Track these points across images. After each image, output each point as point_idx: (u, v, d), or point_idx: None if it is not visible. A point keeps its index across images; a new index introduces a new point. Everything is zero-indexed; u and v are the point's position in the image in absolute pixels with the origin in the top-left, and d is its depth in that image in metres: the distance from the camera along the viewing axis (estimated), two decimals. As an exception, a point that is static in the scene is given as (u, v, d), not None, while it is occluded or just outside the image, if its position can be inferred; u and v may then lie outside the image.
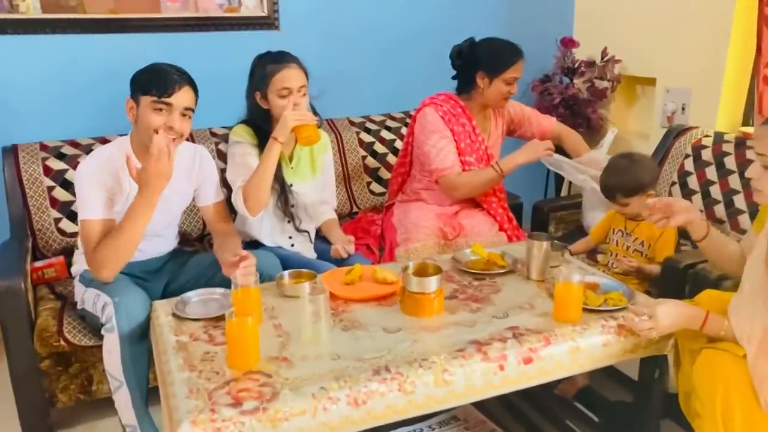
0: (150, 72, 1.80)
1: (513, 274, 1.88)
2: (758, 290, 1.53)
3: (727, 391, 1.42)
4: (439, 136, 2.29)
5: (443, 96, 2.38)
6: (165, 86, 1.76)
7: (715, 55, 2.60)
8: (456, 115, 2.33)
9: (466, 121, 2.33)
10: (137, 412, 1.70)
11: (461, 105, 2.35)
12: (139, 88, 1.79)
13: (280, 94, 2.00)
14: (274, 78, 1.99)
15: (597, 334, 1.56)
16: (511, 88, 2.31)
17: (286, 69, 1.99)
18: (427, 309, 1.61)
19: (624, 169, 2.00)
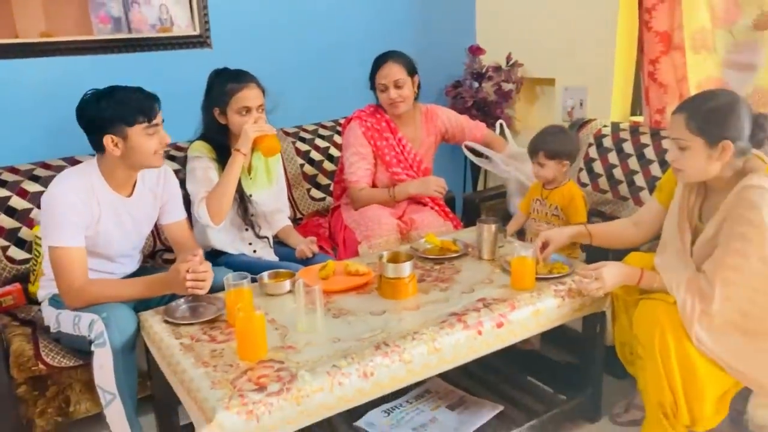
0: (125, 102, 1.79)
1: (466, 256, 2.10)
2: (678, 250, 1.84)
3: (663, 333, 1.70)
4: (353, 151, 2.50)
5: (372, 108, 2.57)
6: (151, 110, 1.81)
7: (604, 57, 2.98)
8: (380, 129, 2.53)
9: (390, 135, 2.54)
10: (130, 423, 1.74)
11: (386, 118, 2.54)
12: (119, 121, 1.78)
13: (239, 113, 2.12)
14: (235, 97, 2.10)
15: (551, 297, 1.81)
16: (387, 94, 2.45)
17: (247, 89, 2.12)
18: (403, 291, 1.79)
19: (554, 133, 2.26)
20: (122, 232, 1.92)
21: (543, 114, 3.46)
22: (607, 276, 1.79)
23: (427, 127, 2.65)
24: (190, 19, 2.68)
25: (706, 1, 2.60)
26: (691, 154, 1.69)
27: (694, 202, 1.85)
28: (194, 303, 1.78)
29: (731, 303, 1.65)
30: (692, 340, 1.68)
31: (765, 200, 1.59)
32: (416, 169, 2.58)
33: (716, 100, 1.69)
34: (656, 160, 2.63)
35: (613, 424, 2.07)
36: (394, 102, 2.46)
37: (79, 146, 2.29)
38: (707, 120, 1.66)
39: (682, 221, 1.86)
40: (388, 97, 2.46)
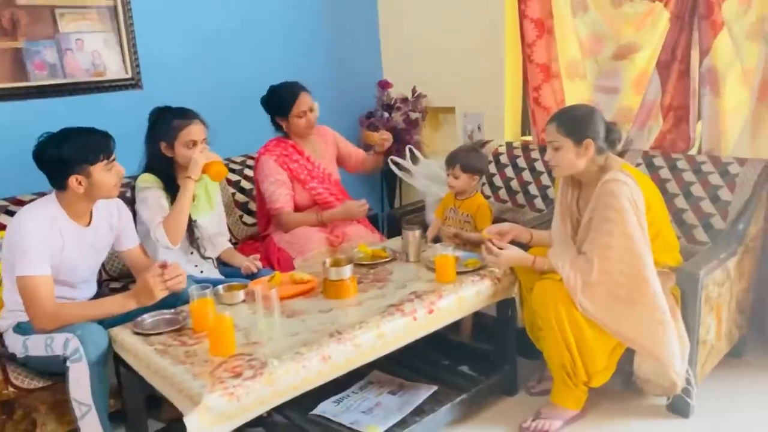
0: (86, 143, 1.96)
1: (395, 260, 2.41)
2: (562, 238, 2.25)
3: (555, 305, 2.08)
4: (271, 181, 2.76)
5: (274, 141, 2.85)
6: (109, 148, 2.01)
7: (496, 86, 3.43)
8: (288, 154, 2.81)
9: (299, 157, 2.83)
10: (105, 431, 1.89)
11: (291, 144, 2.83)
12: (82, 161, 1.94)
13: (187, 146, 2.35)
14: (182, 132, 2.34)
15: (470, 286, 2.15)
16: (307, 118, 2.75)
17: (193, 125, 2.37)
18: (346, 291, 2.07)
19: (469, 150, 2.65)
20: (84, 259, 2.08)
21: (447, 138, 3.87)
22: (504, 255, 2.16)
23: (323, 141, 2.96)
24: (122, 63, 2.87)
25: (575, 36, 3.10)
26: (563, 152, 2.13)
27: (572, 198, 2.27)
28: (157, 317, 1.97)
29: (607, 275, 2.05)
30: (578, 308, 2.07)
31: (621, 190, 2.03)
32: (328, 181, 2.87)
33: (577, 110, 2.19)
34: (545, 172, 3.07)
35: (528, 395, 2.42)
36: (311, 124, 2.79)
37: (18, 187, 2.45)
38: (572, 124, 2.12)
39: (564, 214, 2.27)
40: (308, 120, 2.77)
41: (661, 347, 2.07)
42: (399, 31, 3.84)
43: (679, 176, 2.63)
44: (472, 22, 3.44)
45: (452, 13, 3.54)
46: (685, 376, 2.11)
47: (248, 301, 2.06)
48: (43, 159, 1.97)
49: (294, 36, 3.53)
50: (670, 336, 2.05)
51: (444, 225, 2.69)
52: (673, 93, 2.79)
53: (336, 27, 3.71)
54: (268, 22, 3.41)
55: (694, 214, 2.54)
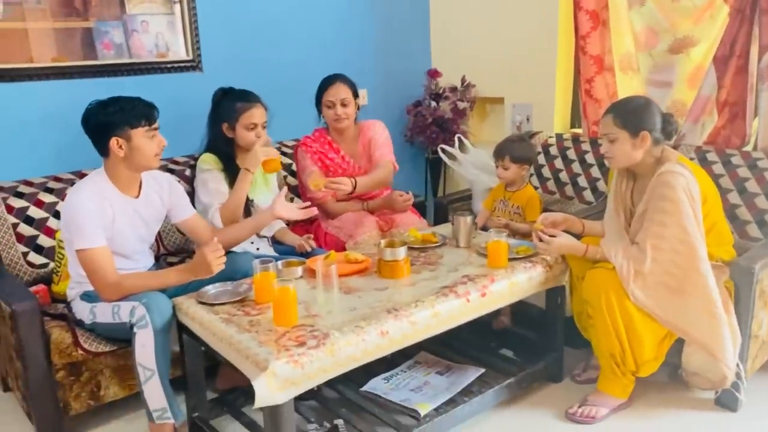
0: (129, 107, 2.03)
1: (445, 245, 2.45)
2: (615, 229, 2.27)
3: (607, 293, 2.10)
4: (308, 173, 2.80)
5: (316, 133, 2.89)
6: (152, 116, 2.07)
7: (547, 77, 3.43)
8: (324, 151, 2.86)
9: (334, 155, 2.87)
10: (167, 395, 1.98)
11: (328, 140, 2.87)
12: (124, 124, 2.02)
13: (247, 128, 2.44)
14: (244, 114, 2.43)
15: (522, 272, 2.18)
16: (334, 111, 2.74)
17: (255, 108, 2.45)
18: (400, 271, 2.12)
19: (520, 140, 2.67)
20: (134, 230, 2.16)
21: (494, 128, 3.88)
22: (556, 242, 2.19)
23: (362, 140, 2.94)
24: (184, 45, 2.96)
25: (630, 29, 3.09)
26: (618, 144, 2.14)
27: (626, 189, 2.28)
28: (220, 288, 2.05)
29: (659, 265, 2.07)
30: (630, 297, 2.09)
31: (678, 181, 2.03)
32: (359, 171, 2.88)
33: (634, 102, 2.19)
34: (595, 164, 3.07)
35: (573, 382, 2.44)
36: (339, 118, 2.78)
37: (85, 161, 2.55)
38: (628, 116, 2.13)
39: (617, 205, 2.29)
40: (334, 113, 2.77)
41: (713, 340, 2.07)
42: (449, 19, 3.86)
43: (733, 172, 2.61)
44: (524, 12, 3.45)
45: (505, 2, 3.55)
46: (735, 371, 2.12)
47: (306, 277, 2.12)
48: (89, 123, 2.05)
49: (345, 23, 3.58)
50: (722, 329, 2.06)
51: (492, 216, 2.72)
52: (730, 88, 2.76)
53: (387, 15, 3.75)
54: (321, 8, 3.46)
55: (747, 210, 2.53)
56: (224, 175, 2.45)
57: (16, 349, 2.05)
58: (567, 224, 2.36)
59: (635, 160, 2.15)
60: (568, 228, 2.36)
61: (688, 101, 2.96)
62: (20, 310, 1.99)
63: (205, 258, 1.96)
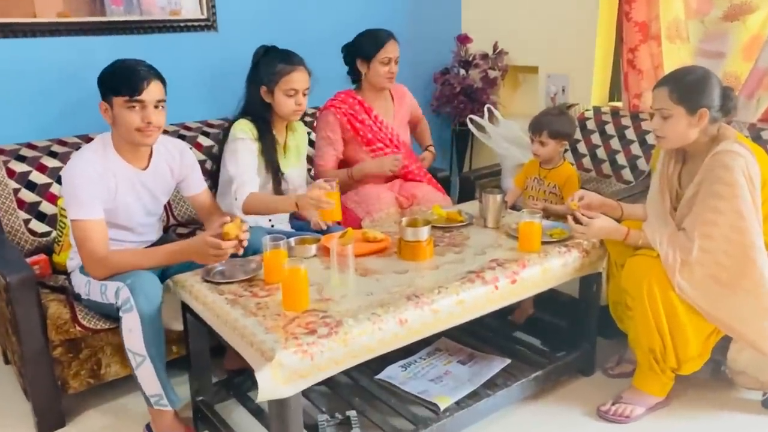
0: (116, 72, 1.86)
1: (472, 225, 2.27)
2: (660, 212, 2.06)
3: (649, 283, 1.91)
4: (322, 135, 2.62)
5: (342, 95, 2.68)
6: (134, 85, 1.83)
7: (585, 45, 3.19)
8: (355, 112, 2.65)
9: (365, 116, 2.66)
10: (161, 381, 1.83)
11: (359, 100, 2.66)
12: (109, 89, 1.85)
13: (287, 93, 2.23)
14: (285, 78, 2.21)
15: (557, 257, 2.00)
16: (389, 68, 2.58)
17: (296, 71, 2.23)
18: (422, 253, 1.95)
19: (559, 114, 2.47)
20: (140, 203, 2.01)
21: (526, 100, 3.66)
22: (595, 225, 1.99)
23: (398, 102, 2.78)
24: (198, 3, 2.77)
25: (681, -7, 2.83)
26: (673, 122, 1.92)
27: (674, 170, 2.07)
28: (228, 266, 1.90)
29: (709, 255, 1.86)
30: (674, 289, 1.89)
31: (736, 162, 1.82)
32: (396, 142, 2.71)
33: (693, 74, 1.94)
34: (636, 140, 2.85)
35: (605, 376, 2.27)
36: (393, 75, 2.63)
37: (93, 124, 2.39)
38: (687, 90, 1.89)
39: (663, 186, 2.08)
40: (389, 70, 2.60)
41: (765, 338, 1.88)
42: (482, -17, 3.62)
43: (792, 152, 2.37)
44: (564, -25, 3.20)
45: (543, -35, 3.30)
46: (788, 372, 1.93)
47: (320, 256, 1.96)
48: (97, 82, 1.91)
49: (371, -16, 3.36)
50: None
51: (525, 195, 2.53)
52: (791, 60, 2.51)
53: (415, -24, 3.52)
54: (347, -33, 3.25)
55: (807, 195, 2.29)
56: (258, 145, 2.25)
57: (12, 323, 1.93)
58: (604, 209, 2.16)
59: (689, 140, 1.94)
60: (605, 212, 2.16)
61: (743, 74, 2.71)
62: (15, 281, 1.86)
63: (203, 246, 1.79)
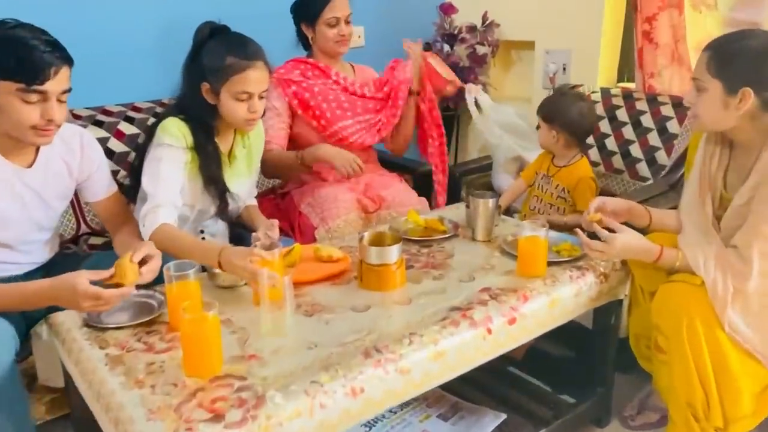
0: (9, 48, 1.32)
1: (456, 237, 1.78)
2: (699, 223, 1.59)
3: (690, 319, 1.44)
4: (272, 112, 2.09)
5: (292, 62, 2.18)
6: (36, 70, 1.32)
7: (591, 16, 2.70)
8: (308, 78, 2.14)
9: (325, 80, 2.16)
10: None
11: (311, 63, 2.18)
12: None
13: (238, 97, 1.63)
14: (235, 78, 1.61)
15: (567, 284, 1.51)
16: (338, 29, 2.11)
17: (252, 70, 1.62)
18: (391, 281, 1.46)
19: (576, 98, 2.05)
20: (22, 212, 1.49)
21: (520, 81, 3.18)
22: (618, 242, 1.50)
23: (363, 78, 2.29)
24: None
25: (709, -49, 2.35)
26: (707, 98, 1.46)
27: (718, 166, 1.60)
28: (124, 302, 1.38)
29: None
30: (724, 327, 1.43)
31: None
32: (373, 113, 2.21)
33: (747, 41, 1.44)
34: (654, 129, 2.37)
35: (624, 428, 1.80)
36: (343, 39, 2.13)
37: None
38: (729, 61, 1.43)
39: (703, 189, 1.61)
40: (338, 33, 2.11)
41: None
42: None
43: None
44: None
45: None
46: None
47: (252, 285, 1.44)
48: None
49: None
50: None
51: (529, 195, 2.06)
52: None
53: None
54: None
55: None
56: (192, 156, 1.68)
57: None
58: (629, 215, 1.68)
59: (724, 125, 1.49)
60: (630, 220, 1.68)
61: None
62: None
63: (73, 294, 1.24)
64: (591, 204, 1.63)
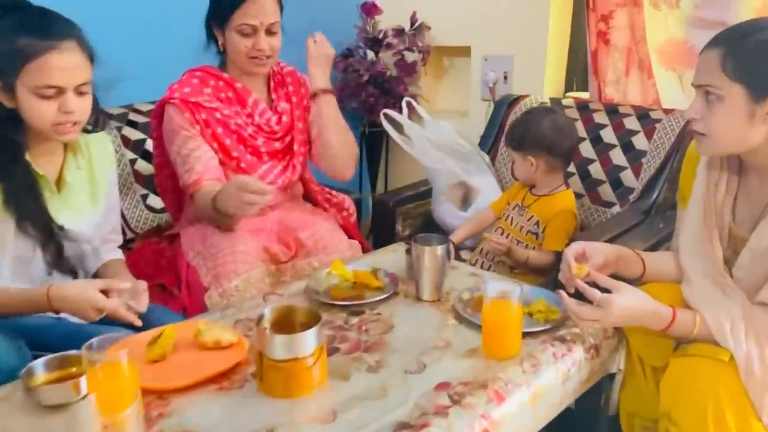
0: None
1: (396, 296, 1.34)
2: (706, 272, 1.22)
3: (718, 408, 1.06)
4: (184, 137, 1.57)
5: (187, 74, 1.65)
6: None
7: (535, 16, 2.35)
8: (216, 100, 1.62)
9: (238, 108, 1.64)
10: None
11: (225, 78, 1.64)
12: None
13: (41, 94, 1.16)
14: (32, 65, 1.14)
15: (551, 367, 1.09)
16: (255, 40, 1.56)
17: (57, 53, 1.16)
18: (305, 383, 0.99)
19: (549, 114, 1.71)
20: None
21: (455, 92, 2.81)
22: (617, 307, 1.10)
23: (295, 89, 1.76)
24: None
25: (669, -61, 2.04)
26: (724, 108, 1.11)
27: (726, 195, 1.24)
28: None
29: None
30: (761, 417, 1.05)
31: None
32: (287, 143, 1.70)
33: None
34: (618, 145, 2.02)
35: None
36: (261, 54, 1.58)
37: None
38: (755, 59, 1.08)
39: (709, 227, 1.24)
40: (253, 46, 1.57)
41: None
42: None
43: None
44: None
45: None
46: None
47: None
48: None
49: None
50: None
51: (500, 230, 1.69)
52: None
53: None
54: None
55: None
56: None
57: None
58: (619, 264, 1.29)
59: (746, 143, 1.13)
60: (618, 271, 1.29)
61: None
62: None
63: None
64: (567, 251, 1.22)
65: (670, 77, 2.13)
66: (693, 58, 2.17)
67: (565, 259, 1.19)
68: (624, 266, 1.30)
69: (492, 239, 1.63)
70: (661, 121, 1.96)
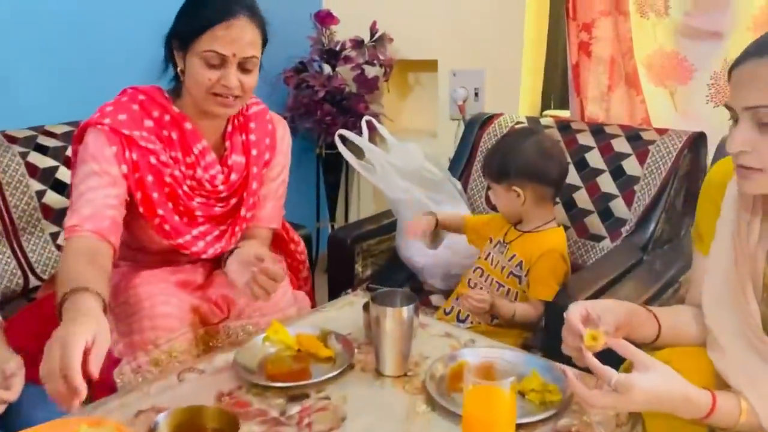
0: None
1: (351, 370, 1.05)
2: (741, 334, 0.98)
3: None
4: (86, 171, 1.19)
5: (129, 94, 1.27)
6: None
7: (509, 27, 2.14)
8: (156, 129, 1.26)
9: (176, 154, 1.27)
10: None
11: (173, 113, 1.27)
12: None
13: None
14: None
15: (557, 477, 0.82)
16: (216, 74, 1.20)
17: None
18: None
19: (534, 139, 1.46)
20: None
21: (421, 110, 2.57)
22: (641, 393, 0.83)
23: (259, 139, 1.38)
24: None
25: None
26: None
27: (762, 238, 0.99)
28: None
29: None
30: None
31: None
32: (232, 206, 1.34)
33: None
34: (606, 170, 1.78)
35: None
36: (227, 92, 1.21)
37: None
38: None
39: (741, 276, 0.99)
40: (219, 80, 1.20)
41: None
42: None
43: None
44: None
45: None
46: None
47: None
48: None
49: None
50: None
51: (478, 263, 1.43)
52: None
53: None
54: None
55: None
56: None
57: None
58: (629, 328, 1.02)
59: None
60: (628, 335, 1.02)
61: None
62: None
63: None
64: (571, 315, 0.95)
65: (660, 93, 1.91)
66: (685, 72, 1.97)
67: (571, 326, 0.93)
68: (634, 327, 1.04)
69: (472, 298, 1.35)
70: (654, 143, 1.73)
